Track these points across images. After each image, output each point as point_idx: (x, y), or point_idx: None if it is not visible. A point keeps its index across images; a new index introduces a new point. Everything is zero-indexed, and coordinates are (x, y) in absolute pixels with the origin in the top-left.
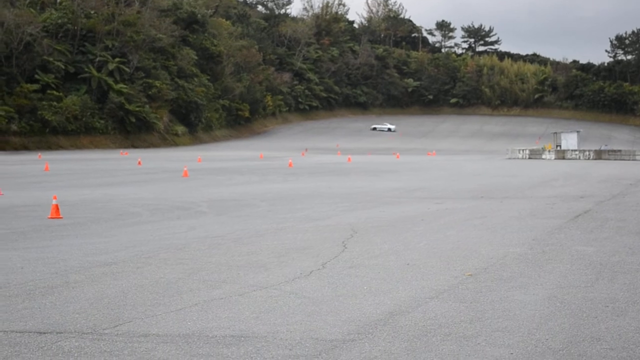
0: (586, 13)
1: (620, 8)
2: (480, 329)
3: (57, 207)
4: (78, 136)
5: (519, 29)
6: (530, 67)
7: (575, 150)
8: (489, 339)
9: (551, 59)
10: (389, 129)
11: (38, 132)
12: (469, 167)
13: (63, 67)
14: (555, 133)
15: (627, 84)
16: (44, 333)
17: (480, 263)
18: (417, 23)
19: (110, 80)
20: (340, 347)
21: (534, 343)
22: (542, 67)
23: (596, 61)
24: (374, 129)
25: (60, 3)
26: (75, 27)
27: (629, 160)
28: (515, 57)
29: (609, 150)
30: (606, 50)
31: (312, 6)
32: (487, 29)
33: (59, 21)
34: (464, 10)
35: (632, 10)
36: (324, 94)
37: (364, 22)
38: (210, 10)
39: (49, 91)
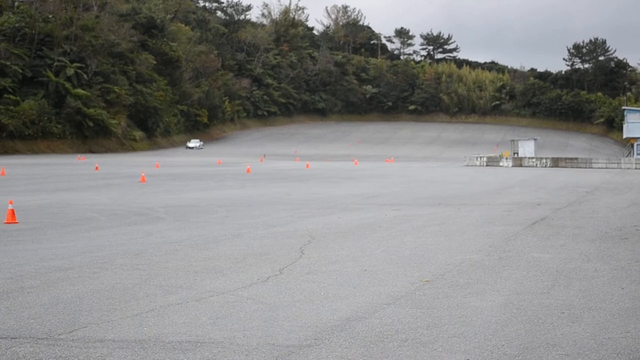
0: (545, 21)
1: (576, 17)
2: (437, 335)
3: (13, 212)
4: (35, 141)
5: (477, 36)
6: (488, 75)
7: (532, 158)
8: (446, 345)
9: (509, 66)
10: (187, 147)
11: None
12: (427, 174)
13: (20, 71)
14: (513, 141)
15: (584, 92)
16: None
17: (437, 269)
18: (376, 30)
19: (68, 85)
20: (297, 352)
21: (490, 349)
22: (500, 75)
23: (554, 69)
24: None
25: (18, 7)
26: (33, 31)
27: (585, 168)
28: (473, 65)
29: (565, 158)
30: (564, 59)
31: (269, 12)
32: (445, 36)
33: (17, 25)
34: (423, 18)
35: (588, 20)
36: (282, 100)
37: (323, 28)
38: (169, 15)
39: (5, 95)
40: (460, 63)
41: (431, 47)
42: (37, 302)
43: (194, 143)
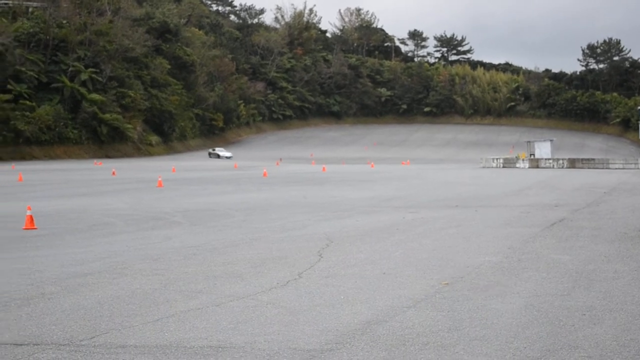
0: (559, 23)
1: (591, 19)
2: (458, 338)
3: (31, 217)
4: (52, 146)
5: (493, 38)
6: (503, 76)
7: (549, 159)
8: (467, 348)
9: (523, 68)
10: (218, 156)
11: (11, 142)
12: (443, 176)
13: (36, 76)
14: (529, 142)
15: (599, 92)
16: (21, 345)
17: (456, 272)
18: (390, 32)
19: (83, 90)
20: (319, 357)
21: (512, 352)
22: (515, 76)
23: (568, 70)
24: (213, 155)
25: (32, 13)
26: (48, 37)
27: (602, 168)
28: (487, 66)
29: (582, 159)
30: (578, 59)
31: (282, 16)
32: (459, 38)
33: (31, 30)
34: (437, 20)
35: (603, 21)
36: (297, 103)
37: (337, 31)
38: (182, 20)
39: (21, 101)
40: (475, 64)
41: (445, 49)
42: (57, 308)
43: (226, 153)
